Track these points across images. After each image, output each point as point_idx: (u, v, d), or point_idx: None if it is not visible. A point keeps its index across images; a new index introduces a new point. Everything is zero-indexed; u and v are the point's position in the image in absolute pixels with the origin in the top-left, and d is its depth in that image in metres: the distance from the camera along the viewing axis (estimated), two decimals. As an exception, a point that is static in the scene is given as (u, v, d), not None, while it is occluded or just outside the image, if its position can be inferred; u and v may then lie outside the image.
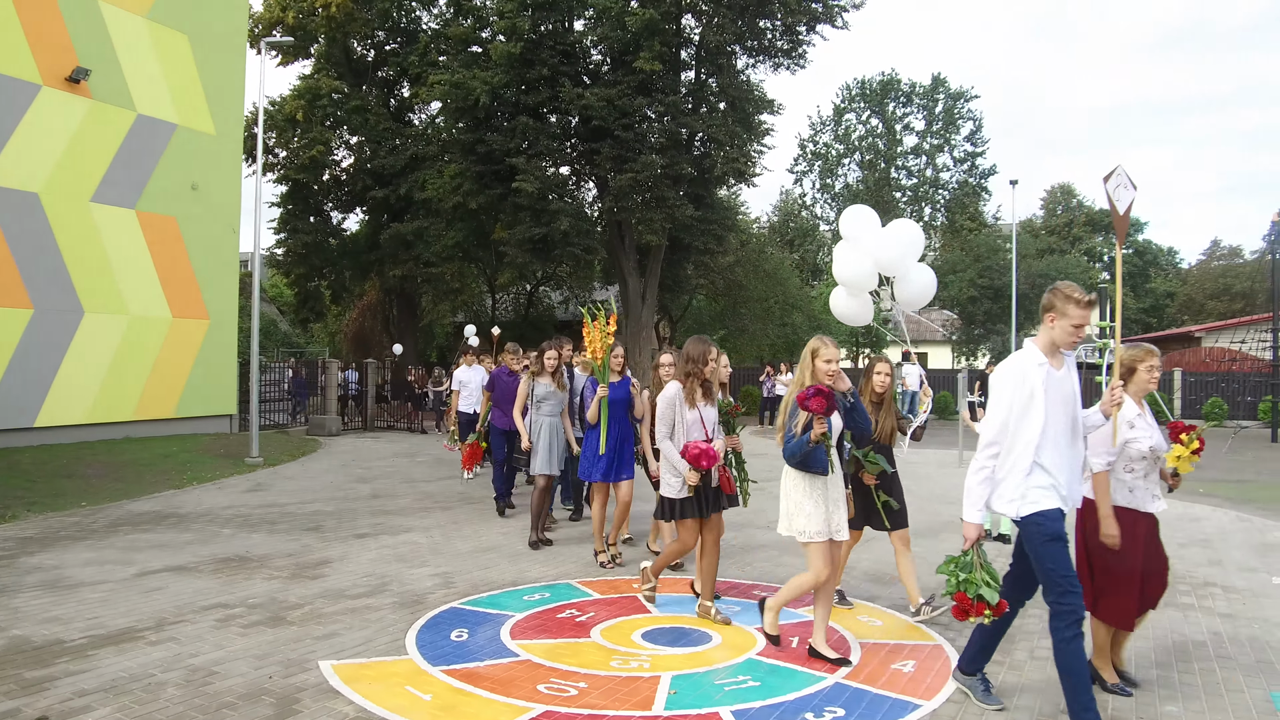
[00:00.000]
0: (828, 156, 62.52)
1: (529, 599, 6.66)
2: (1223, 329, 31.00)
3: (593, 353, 7.48)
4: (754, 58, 27.07)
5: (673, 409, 5.97)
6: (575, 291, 36.43)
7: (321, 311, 31.56)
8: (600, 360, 7.49)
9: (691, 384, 6.00)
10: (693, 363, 6.00)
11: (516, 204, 24.64)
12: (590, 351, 7.48)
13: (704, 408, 6.02)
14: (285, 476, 13.73)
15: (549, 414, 8.46)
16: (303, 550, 8.25)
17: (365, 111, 26.67)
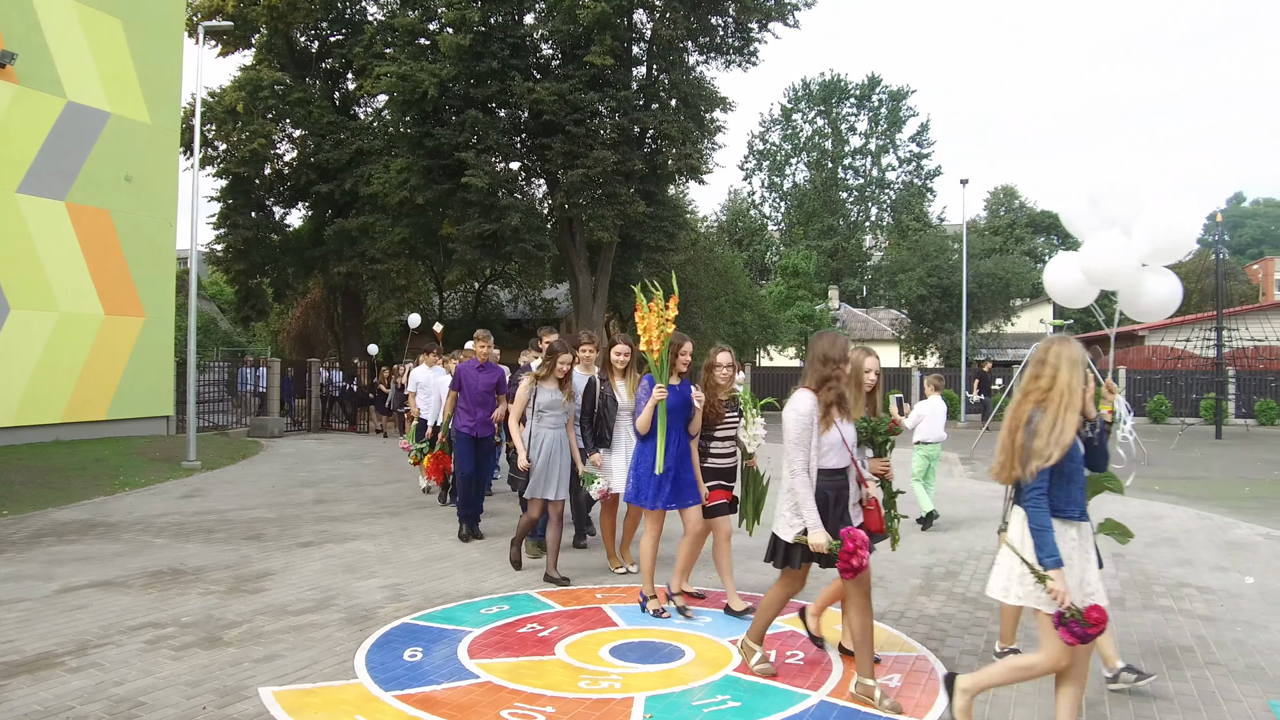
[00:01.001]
0: (775, 156, 62.84)
1: (486, 612, 6.26)
2: (1166, 327, 31.49)
3: (648, 343, 5.95)
4: (706, 54, 26.84)
5: (809, 430, 4.62)
6: (524, 290, 35.89)
7: (264, 310, 30.61)
8: (658, 354, 5.96)
9: (829, 394, 4.68)
10: (831, 364, 4.67)
11: (465, 199, 24.07)
12: (645, 342, 5.97)
13: (843, 425, 4.76)
14: (224, 481, 13.12)
15: (551, 426, 7.04)
16: (241, 561, 7.75)
17: (308, 104, 25.88)
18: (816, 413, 4.64)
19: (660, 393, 5.89)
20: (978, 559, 8.38)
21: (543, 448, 6.99)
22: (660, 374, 5.94)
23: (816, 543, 4.48)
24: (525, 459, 6.99)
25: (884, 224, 61.95)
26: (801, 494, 4.57)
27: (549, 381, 7.07)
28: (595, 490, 6.93)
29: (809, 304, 42.18)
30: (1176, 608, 6.77)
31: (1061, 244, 68.60)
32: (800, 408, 4.63)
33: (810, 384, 4.71)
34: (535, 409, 7.08)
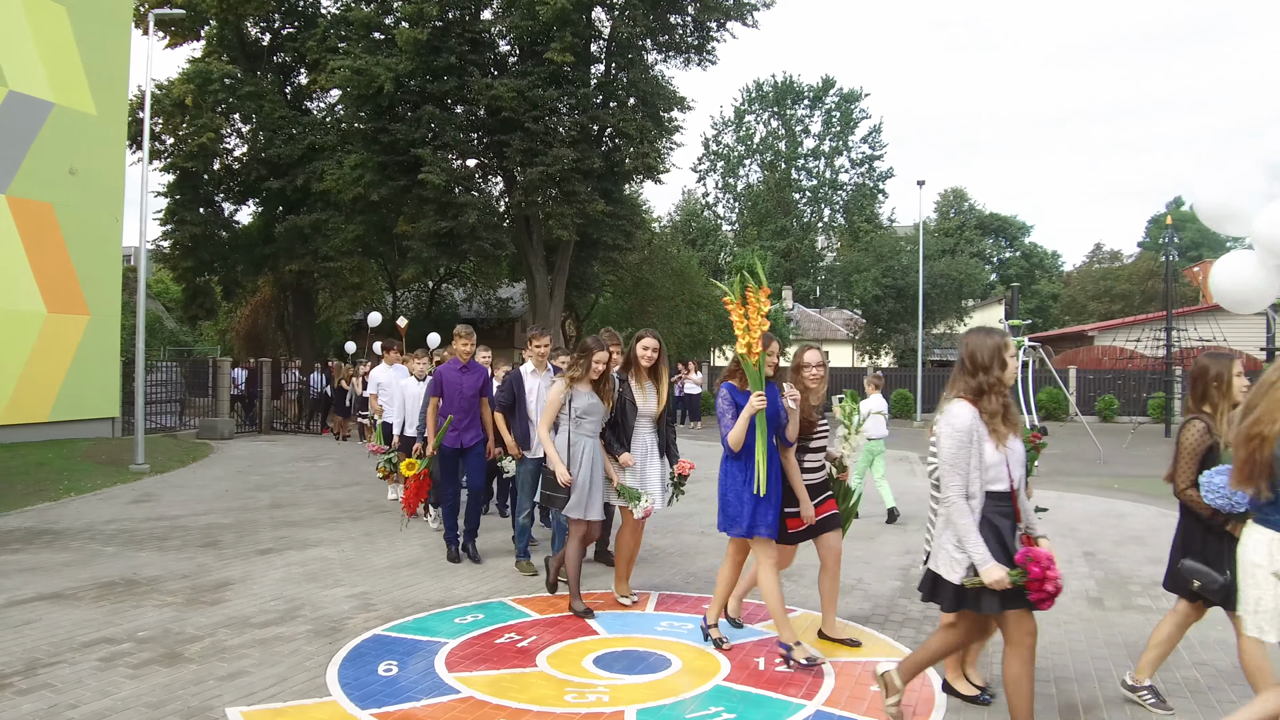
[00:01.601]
0: (729, 157, 63.03)
1: (461, 622, 6.03)
2: (1116, 328, 32.04)
3: (747, 343, 5.06)
4: (664, 53, 26.72)
5: (968, 448, 3.87)
6: (479, 289, 35.48)
7: (212, 308, 29.85)
8: (755, 353, 5.07)
9: (993, 403, 3.93)
10: (984, 371, 3.92)
11: (422, 196, 23.69)
12: (743, 341, 5.09)
13: (1013, 442, 3.98)
14: (175, 485, 12.66)
15: (590, 434, 6.25)
16: (199, 570, 7.41)
17: (260, 98, 25.25)
18: (979, 427, 3.90)
19: (760, 401, 5.07)
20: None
21: (583, 459, 6.18)
22: (758, 378, 5.10)
23: (996, 580, 3.78)
24: (566, 473, 6.13)
25: (836, 225, 62.48)
26: (963, 526, 3.85)
27: (583, 383, 6.31)
28: (641, 509, 6.13)
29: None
30: (1155, 606, 6.76)
31: (1008, 245, 69.95)
32: (958, 422, 3.89)
33: (965, 393, 3.95)
34: (572, 415, 6.24)
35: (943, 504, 3.93)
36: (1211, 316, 26.09)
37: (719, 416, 5.34)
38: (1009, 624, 3.93)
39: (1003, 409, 3.93)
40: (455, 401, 7.74)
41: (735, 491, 5.21)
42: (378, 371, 11.28)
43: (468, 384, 7.80)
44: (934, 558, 4.08)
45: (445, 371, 7.83)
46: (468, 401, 7.77)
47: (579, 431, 6.22)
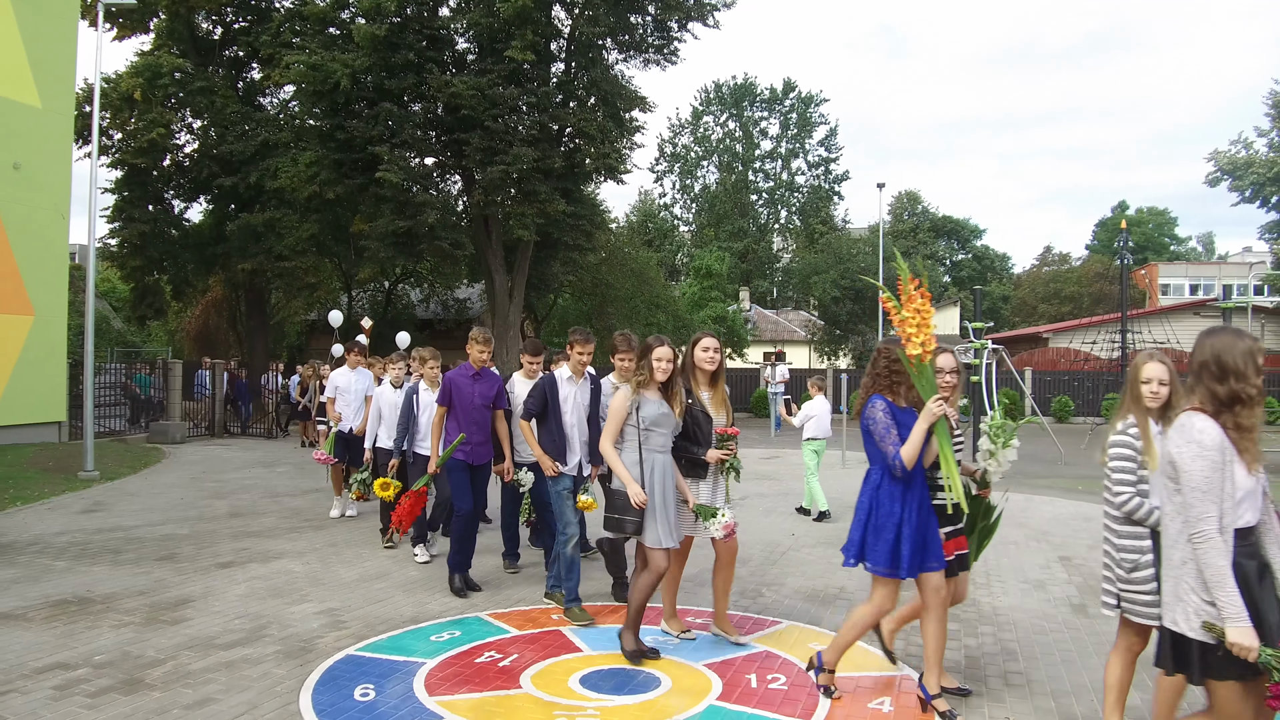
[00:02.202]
0: (687, 158, 63.03)
1: (437, 639, 5.80)
2: (1070, 329, 32.50)
3: (923, 345, 4.34)
4: (625, 52, 26.52)
5: (1220, 471, 3.18)
6: (436, 289, 34.98)
7: (161, 308, 29.01)
8: (928, 354, 4.38)
9: (1246, 417, 3.25)
10: (1237, 378, 3.24)
11: (379, 195, 23.24)
12: (916, 341, 4.34)
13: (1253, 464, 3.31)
14: (127, 493, 12.20)
15: (660, 449, 5.37)
16: (157, 586, 7.08)
17: (211, 93, 24.57)
18: (1228, 448, 3.20)
19: (939, 407, 4.31)
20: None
21: (655, 477, 5.32)
22: (931, 383, 4.41)
23: (1244, 647, 3.02)
24: (641, 491, 5.22)
25: (793, 227, 62.79)
26: (1220, 569, 3.09)
27: (650, 389, 5.41)
28: (719, 528, 5.41)
29: (721, 305, 42.38)
30: None
31: (961, 248, 70.89)
32: (1207, 440, 3.17)
33: (1207, 405, 3.27)
34: (640, 426, 5.35)
35: (1192, 541, 3.17)
36: (1165, 318, 26.58)
37: (872, 436, 4.52)
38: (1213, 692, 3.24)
39: (1248, 426, 3.24)
40: (467, 413, 6.92)
41: (895, 523, 4.44)
42: (338, 375, 10.30)
43: (480, 393, 6.96)
44: (1169, 611, 3.28)
45: (456, 379, 6.96)
46: (479, 411, 6.97)
47: (648, 448, 5.36)
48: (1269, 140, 32.06)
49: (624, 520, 5.31)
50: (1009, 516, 11.02)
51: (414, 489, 7.28)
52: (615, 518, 5.36)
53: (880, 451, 4.50)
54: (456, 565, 6.99)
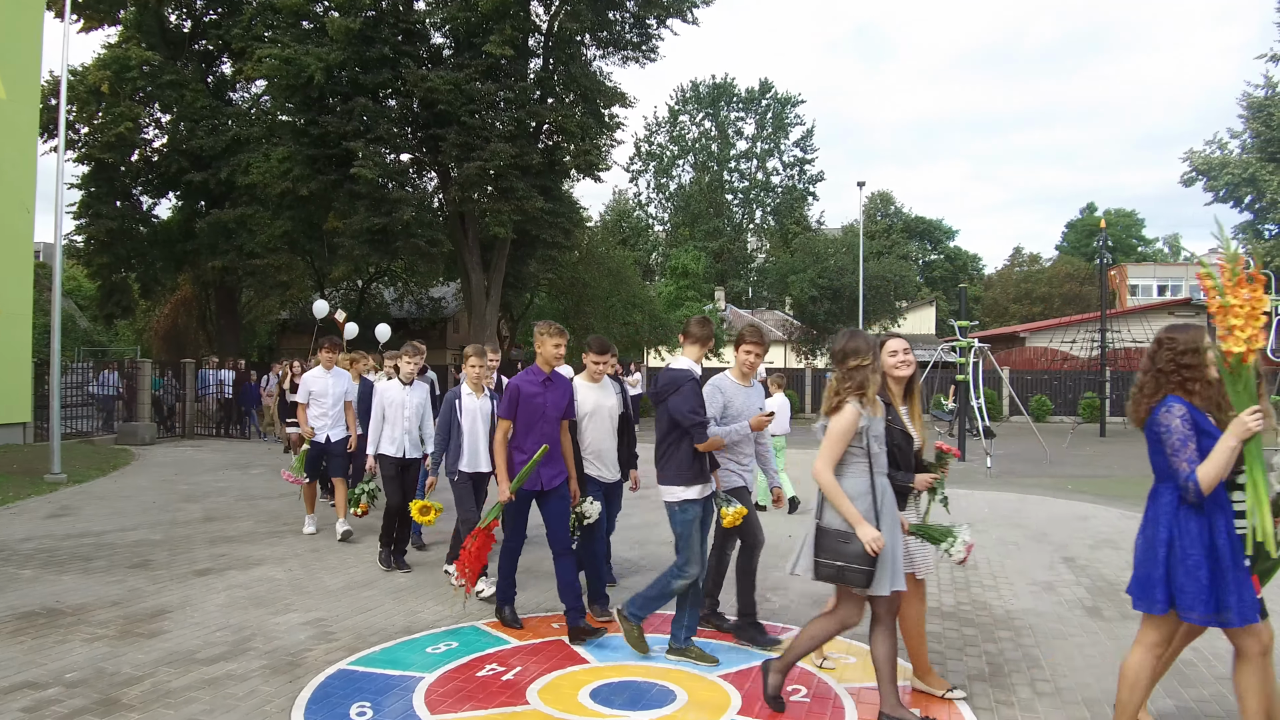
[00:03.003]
0: (662, 157, 62.81)
1: (434, 651, 5.48)
2: (1048, 329, 32.57)
3: (1246, 341, 3.55)
4: (604, 49, 26.24)
5: None
6: (410, 288, 34.51)
7: (129, 306, 28.35)
8: (1250, 351, 3.57)
9: None
10: None
11: (354, 192, 22.81)
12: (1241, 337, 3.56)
13: None
14: (96, 496, 11.73)
15: (884, 469, 4.38)
16: (131, 596, 6.69)
17: (181, 87, 24.01)
18: None
19: (1256, 421, 3.53)
20: (936, 568, 8.01)
21: (885, 508, 4.28)
22: (1251, 391, 3.60)
23: None
24: (877, 536, 4.11)
25: (767, 227, 62.78)
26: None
27: (873, 402, 4.33)
28: (960, 548, 4.58)
29: (698, 304, 42.19)
30: None
31: (934, 249, 71.22)
32: None
33: None
34: (870, 450, 4.30)
35: None
36: (1144, 317, 26.63)
37: (1163, 447, 3.75)
38: None
39: None
40: (537, 426, 5.75)
41: (1198, 556, 3.65)
42: (311, 377, 8.87)
43: (553, 403, 5.84)
44: None
45: (524, 386, 5.77)
46: (553, 428, 5.85)
47: (879, 468, 4.34)
48: (1241, 142, 32.27)
49: (847, 570, 4.16)
50: (1005, 516, 10.86)
51: (482, 525, 5.84)
52: (835, 565, 4.19)
53: (1172, 467, 3.69)
54: (508, 598, 6.07)
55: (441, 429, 6.87)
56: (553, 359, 5.91)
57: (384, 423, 7.74)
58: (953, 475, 14.64)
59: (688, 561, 5.24)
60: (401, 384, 7.79)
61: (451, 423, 6.81)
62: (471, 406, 6.84)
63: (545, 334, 5.90)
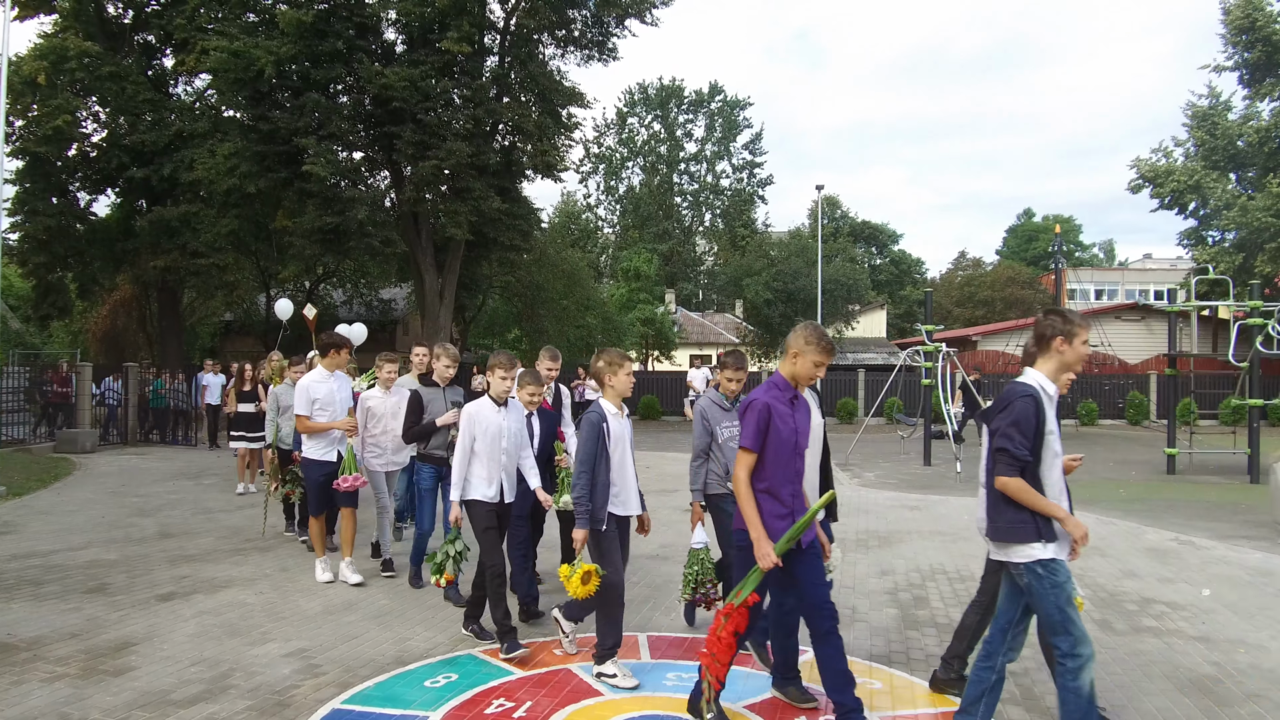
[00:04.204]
0: (611, 159, 62.41)
1: (432, 685, 5.08)
2: (1001, 332, 32.86)
3: None
4: (562, 47, 25.82)
5: None
6: (359, 290, 33.68)
7: (65, 307, 27.17)
8: None
9: None
10: None
11: (304, 190, 22.08)
12: None
13: None
14: (39, 511, 11.03)
15: None
16: (90, 626, 6.16)
17: (121, 79, 23.03)
18: None
19: None
20: (933, 579, 7.83)
21: None
22: None
23: None
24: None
25: (716, 230, 62.81)
26: None
27: None
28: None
29: (649, 306, 41.97)
30: (1161, 628, 6.48)
31: (879, 253, 71.87)
32: None
33: None
34: None
35: None
36: (1095, 320, 26.94)
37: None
38: None
39: None
40: (788, 460, 4.44)
41: None
42: (314, 382, 7.43)
43: (802, 428, 4.57)
44: None
45: (774, 403, 4.42)
46: (802, 461, 4.62)
47: None
48: (1184, 150, 32.98)
49: None
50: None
51: (738, 600, 4.34)
52: None
53: None
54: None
55: (586, 461, 5.14)
56: (807, 377, 4.50)
57: (472, 455, 5.79)
58: (924, 481, 14.56)
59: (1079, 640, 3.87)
60: (494, 403, 5.86)
61: (599, 453, 5.15)
62: (619, 430, 5.30)
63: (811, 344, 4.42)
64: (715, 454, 5.71)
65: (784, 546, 4.23)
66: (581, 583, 4.95)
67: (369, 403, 7.78)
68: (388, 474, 7.98)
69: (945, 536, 9.71)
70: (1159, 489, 13.80)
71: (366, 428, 7.73)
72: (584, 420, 5.19)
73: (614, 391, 5.29)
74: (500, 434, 5.81)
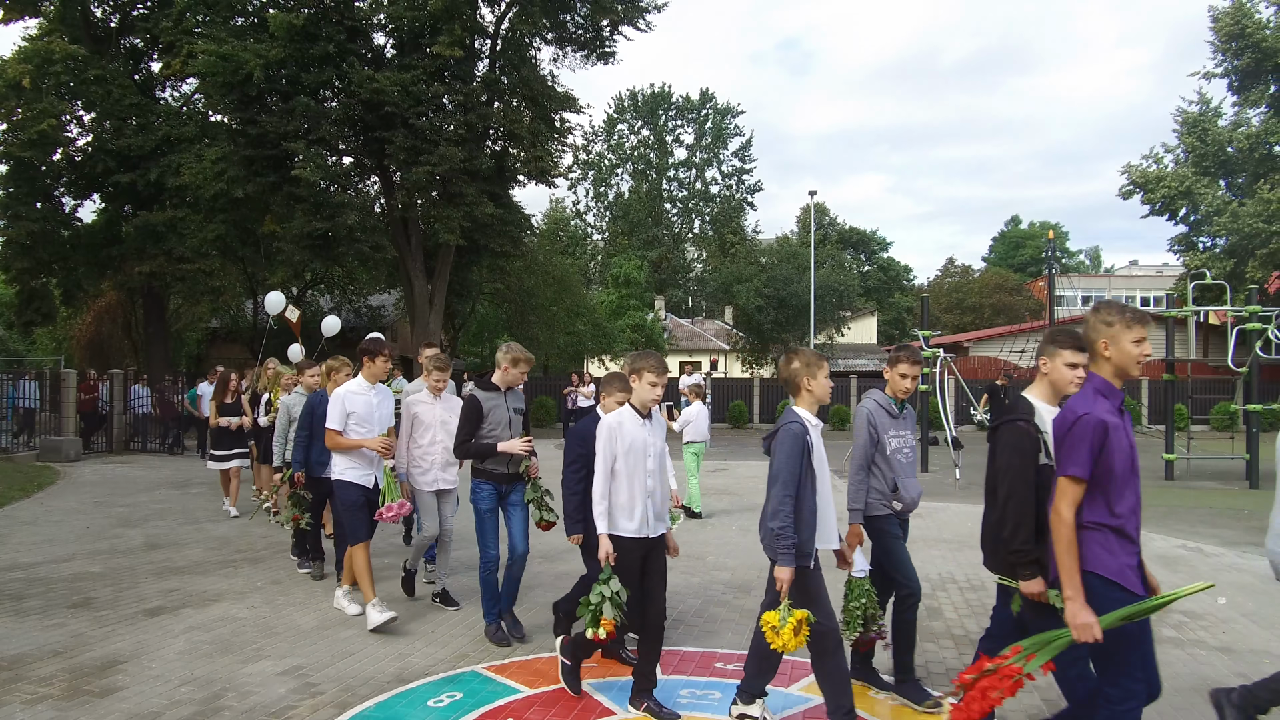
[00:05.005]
0: (600, 166, 62.27)
1: (436, 705, 4.87)
2: (994, 338, 32.77)
3: None
4: (559, 47, 25.67)
5: None
6: (348, 296, 33.34)
7: (50, 313, 26.73)
8: None
9: None
10: None
11: (293, 194, 21.83)
12: None
13: None
14: (22, 521, 10.73)
15: None
16: (75, 643, 5.90)
17: (107, 83, 22.68)
18: None
19: None
20: (943, 589, 7.64)
21: None
22: None
23: None
24: None
25: (706, 236, 62.70)
26: None
27: None
28: None
29: (639, 313, 41.85)
30: (1182, 638, 6.36)
31: (868, 260, 71.90)
32: None
33: None
34: None
35: None
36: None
37: None
38: None
39: None
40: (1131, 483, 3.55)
41: None
42: (351, 393, 6.41)
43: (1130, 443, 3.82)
44: None
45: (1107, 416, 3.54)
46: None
47: None
48: (1175, 156, 33.04)
49: None
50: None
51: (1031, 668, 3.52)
52: None
53: None
54: None
55: (790, 483, 4.23)
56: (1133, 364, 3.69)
57: (611, 478, 4.76)
58: (924, 487, 14.42)
59: None
60: (638, 416, 4.86)
61: (804, 472, 4.29)
62: (822, 450, 4.45)
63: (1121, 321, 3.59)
64: (879, 468, 4.96)
65: (1116, 620, 3.37)
66: (793, 634, 4.03)
67: (415, 409, 6.68)
68: (438, 494, 6.72)
69: (950, 544, 9.54)
70: (1159, 495, 13.65)
71: (413, 438, 6.63)
72: (783, 433, 4.30)
73: (812, 398, 4.44)
74: (645, 451, 4.77)
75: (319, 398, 7.46)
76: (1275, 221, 28.65)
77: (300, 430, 7.58)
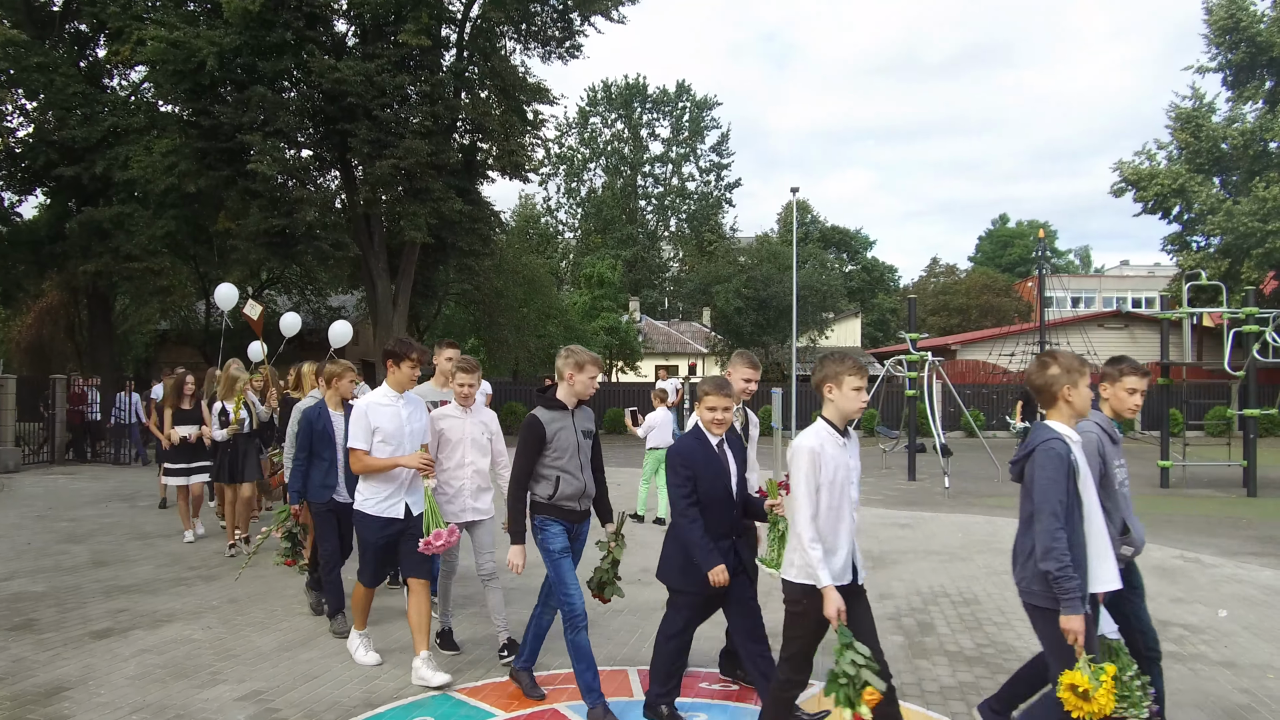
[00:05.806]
0: (573, 160, 60.72)
1: (410, 734, 4.50)
2: (983, 340, 32.61)
3: None
4: (526, 42, 25.21)
5: None
6: (306, 296, 32.58)
7: (-11, 315, 25.86)
8: None
9: None
10: None
11: (248, 189, 21.16)
12: None
13: None
14: (-44, 535, 10.15)
15: None
16: (17, 668, 5.44)
17: (50, 70, 21.80)
18: None
19: None
20: (935, 603, 7.42)
21: None
22: None
23: None
24: None
25: (682, 235, 61.45)
26: None
27: None
28: None
29: (613, 315, 41.14)
30: (1183, 652, 6.17)
31: (850, 260, 71.89)
32: None
33: None
34: None
35: None
36: (1083, 328, 26.75)
37: None
38: None
39: None
40: None
41: None
42: (377, 404, 5.38)
43: None
44: None
45: None
46: None
47: None
48: (1168, 153, 32.68)
49: None
50: (982, 542, 10.27)
51: None
52: None
53: None
54: None
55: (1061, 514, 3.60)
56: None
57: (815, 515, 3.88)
58: (911, 497, 14.20)
59: None
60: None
61: (1072, 500, 3.63)
62: (1088, 471, 3.84)
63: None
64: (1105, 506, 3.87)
65: None
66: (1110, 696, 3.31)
67: (440, 424, 5.70)
68: (469, 526, 5.74)
69: (940, 556, 9.33)
70: (1154, 503, 13.34)
71: (437, 459, 5.64)
72: (1041, 453, 3.63)
73: (1071, 411, 3.75)
74: (850, 477, 3.89)
75: (317, 410, 6.54)
76: (1271, 220, 28.09)
77: (298, 451, 6.40)
